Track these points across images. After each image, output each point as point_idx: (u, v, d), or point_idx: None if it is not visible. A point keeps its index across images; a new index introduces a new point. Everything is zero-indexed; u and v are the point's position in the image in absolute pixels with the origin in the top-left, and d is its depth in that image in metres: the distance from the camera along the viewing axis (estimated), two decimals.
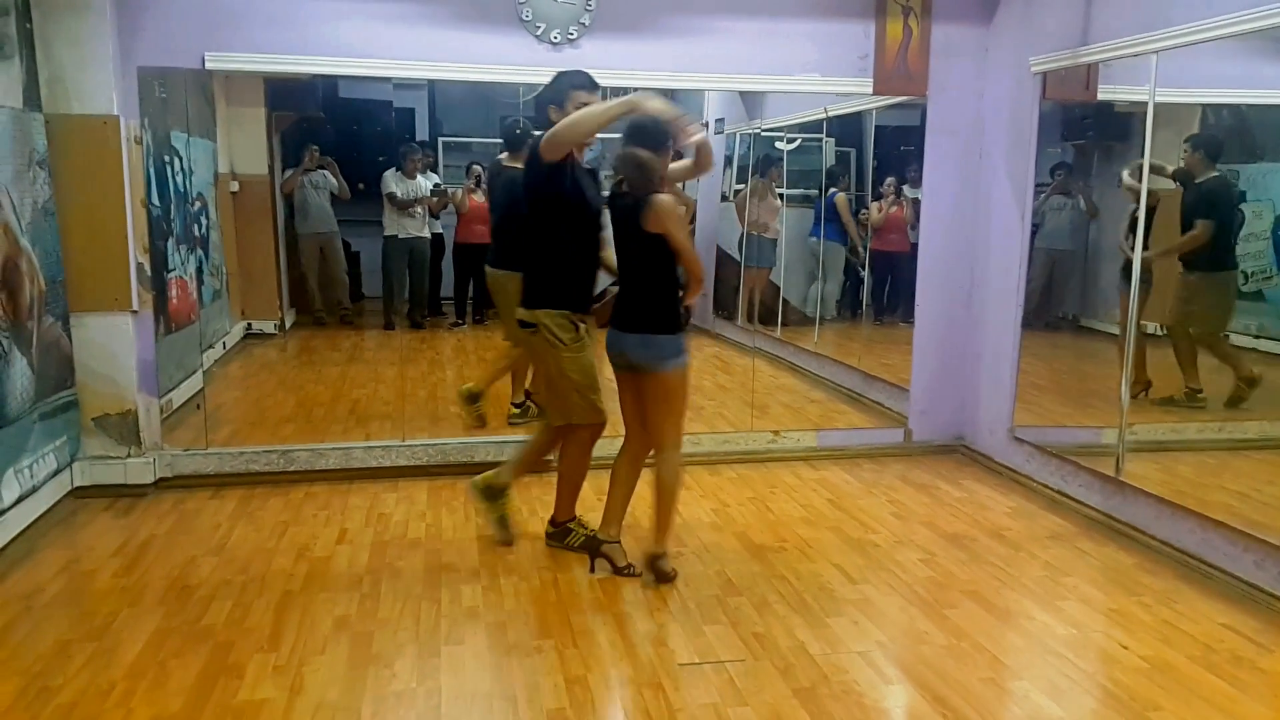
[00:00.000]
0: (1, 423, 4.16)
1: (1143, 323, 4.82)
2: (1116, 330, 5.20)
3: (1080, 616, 3.72)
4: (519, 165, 4.38)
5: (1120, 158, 5.45)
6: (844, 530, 4.58)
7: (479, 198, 7.74)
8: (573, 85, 3.93)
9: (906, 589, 3.94)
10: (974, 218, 5.71)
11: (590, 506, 4.39)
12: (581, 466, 4.22)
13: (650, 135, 3.72)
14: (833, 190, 7.79)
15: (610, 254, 4.03)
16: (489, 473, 4.36)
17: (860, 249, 7.66)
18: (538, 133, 3.93)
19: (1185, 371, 5.15)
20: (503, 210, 5.82)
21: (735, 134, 8.19)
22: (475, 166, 7.91)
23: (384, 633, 3.51)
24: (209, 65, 4.87)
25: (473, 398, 5.84)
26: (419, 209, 7.75)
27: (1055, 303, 6.02)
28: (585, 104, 3.86)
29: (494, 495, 4.33)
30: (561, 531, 4.28)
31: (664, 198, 3.69)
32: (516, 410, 5.95)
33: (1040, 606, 3.80)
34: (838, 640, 3.49)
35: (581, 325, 3.97)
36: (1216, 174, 4.98)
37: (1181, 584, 4.01)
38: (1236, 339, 5.10)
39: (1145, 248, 4.51)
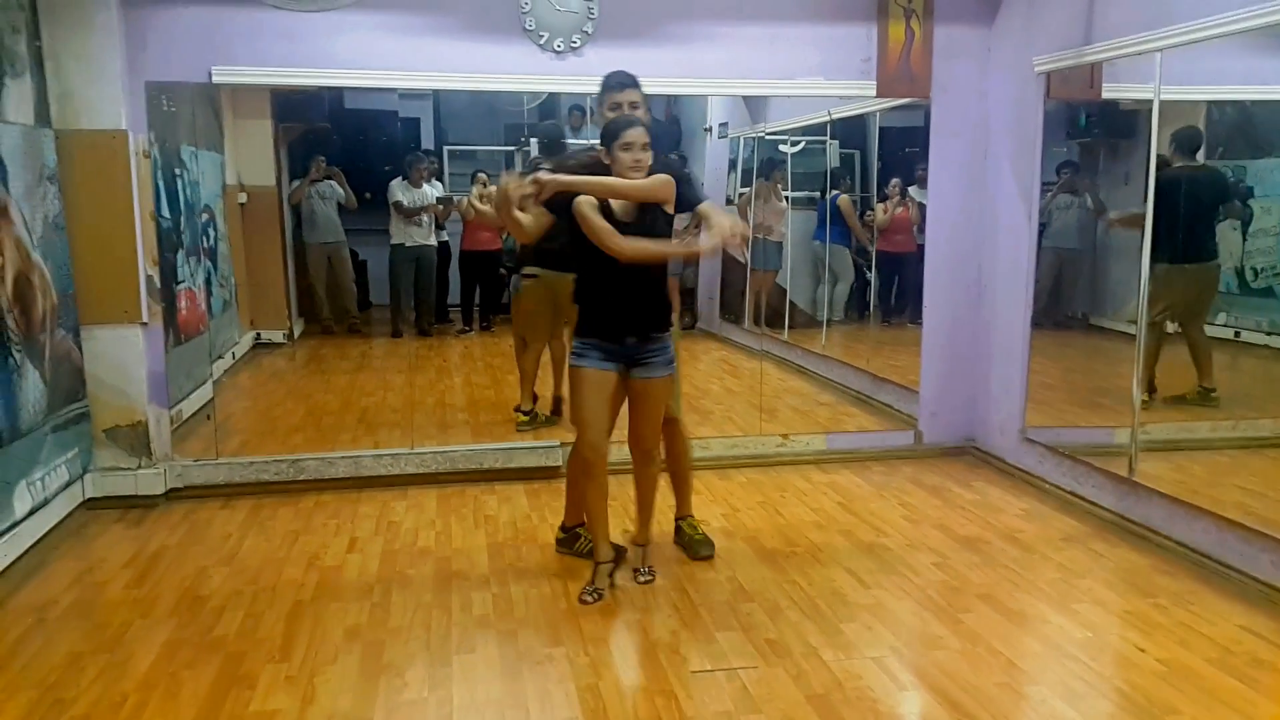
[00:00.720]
0: (14, 435, 4.18)
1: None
2: (1127, 329, 5.18)
3: (1095, 619, 3.70)
4: None
5: (1126, 155, 5.45)
6: (855, 534, 4.57)
7: (484, 205, 7.74)
8: (606, 87, 3.93)
9: (919, 593, 3.93)
10: (980, 218, 5.70)
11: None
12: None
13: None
14: (835, 192, 7.78)
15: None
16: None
17: (868, 250, 7.66)
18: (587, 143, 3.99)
19: (1199, 370, 5.13)
20: None
21: (739, 138, 8.20)
22: (480, 174, 7.93)
23: (395, 642, 3.51)
24: (216, 79, 4.88)
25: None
26: (425, 217, 7.77)
27: (1064, 302, 6.00)
28: (617, 103, 3.85)
29: (680, 530, 4.39)
30: (570, 537, 4.28)
31: (580, 199, 3.65)
32: (525, 417, 5.96)
33: (1055, 609, 3.78)
34: (851, 646, 3.47)
35: None
36: (1180, 165, 4.95)
37: (1198, 585, 3.98)
38: (1248, 336, 5.09)
39: (1154, 247, 4.49)
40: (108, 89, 4.73)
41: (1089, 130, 5.81)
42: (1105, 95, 5.06)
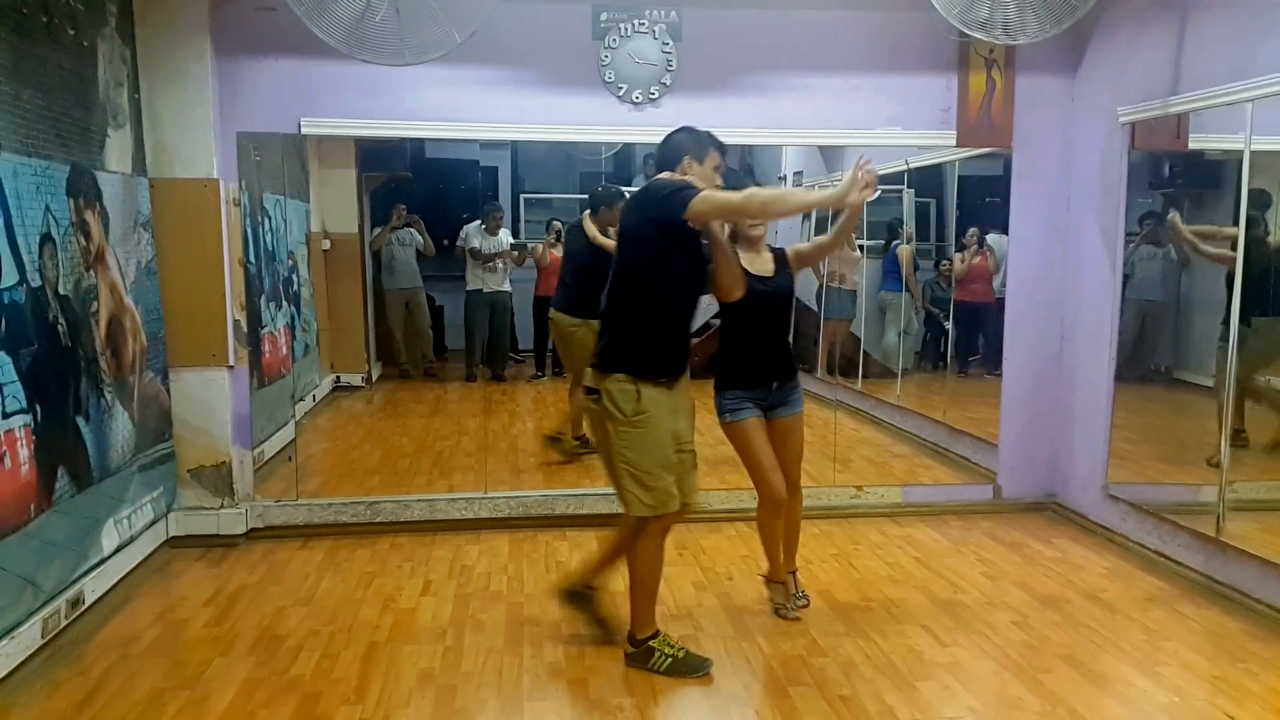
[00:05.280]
0: (103, 474, 4.31)
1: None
2: (1212, 383, 5.03)
3: (1182, 684, 3.57)
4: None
5: (1211, 206, 5.32)
6: (932, 590, 4.48)
7: (558, 252, 7.85)
8: (716, 145, 3.70)
9: (999, 652, 3.83)
10: (1063, 269, 5.62)
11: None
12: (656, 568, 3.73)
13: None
14: (896, 242, 7.74)
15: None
16: (570, 576, 4.05)
17: (921, 305, 7.62)
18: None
19: None
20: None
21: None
22: (555, 222, 8.04)
23: (467, 686, 3.52)
24: (305, 130, 5.05)
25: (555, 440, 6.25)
26: (500, 263, 7.90)
27: (1147, 355, 5.85)
28: (718, 166, 3.69)
29: (581, 599, 3.93)
30: (644, 653, 3.67)
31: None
32: (576, 442, 6.18)
33: (1139, 672, 3.66)
34: (928, 705, 3.40)
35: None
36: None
37: None
38: None
39: (1243, 298, 4.38)
40: (200, 139, 4.91)
41: (1173, 180, 5.70)
42: (1192, 146, 4.97)
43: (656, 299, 3.54)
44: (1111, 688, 3.55)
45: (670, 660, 3.62)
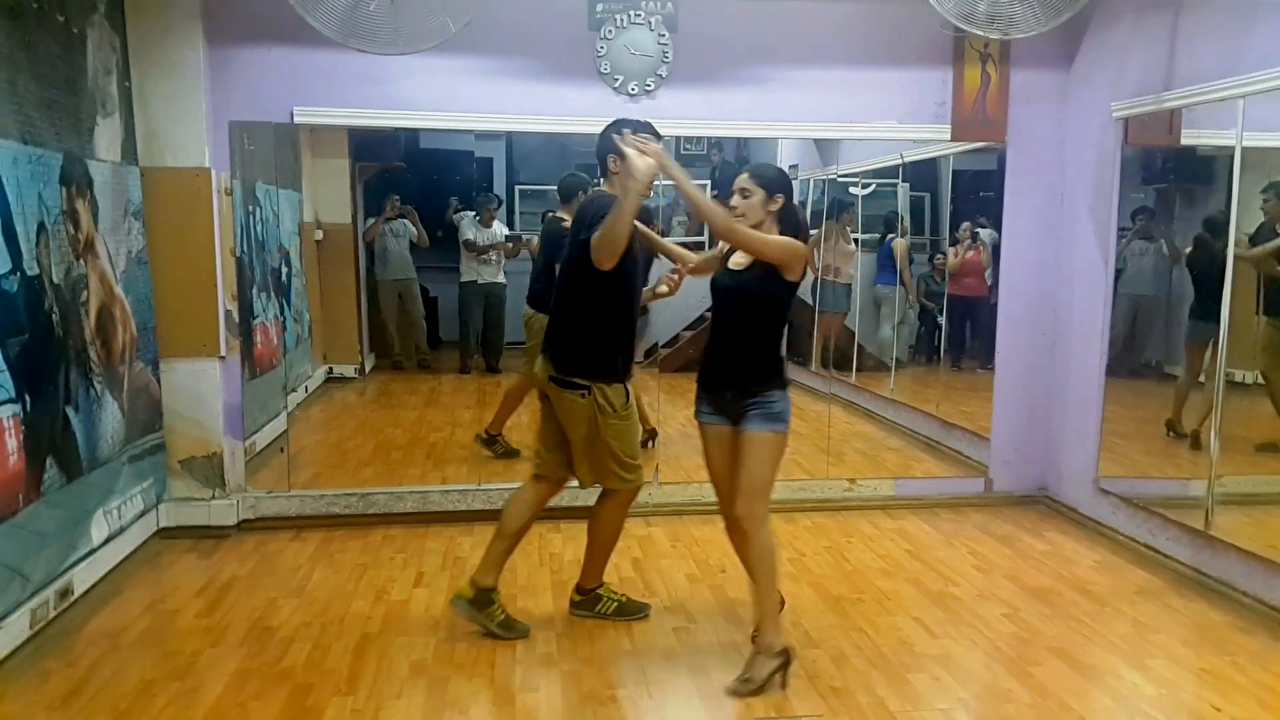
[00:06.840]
0: (92, 465, 4.29)
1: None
2: (1203, 378, 5.06)
3: (1170, 676, 3.59)
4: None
5: (1204, 202, 5.34)
6: (923, 582, 4.49)
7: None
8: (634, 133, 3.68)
9: (989, 644, 3.84)
10: (1056, 263, 5.63)
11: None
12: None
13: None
14: (891, 236, 7.75)
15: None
16: (471, 582, 3.91)
17: (916, 298, 7.63)
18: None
19: None
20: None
21: (809, 179, 8.19)
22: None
23: (460, 678, 3.52)
24: (297, 119, 5.02)
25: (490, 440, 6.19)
26: (494, 255, 7.88)
27: (1139, 349, 5.87)
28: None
29: (484, 603, 3.87)
30: (591, 599, 4.07)
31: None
32: (484, 438, 6.16)
33: (1128, 664, 3.68)
34: (918, 697, 3.41)
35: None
36: None
37: (1277, 644, 3.85)
38: None
39: (1230, 300, 4.40)
40: (192, 128, 4.89)
41: (1165, 176, 5.71)
42: (1184, 141, 4.98)
43: (610, 299, 3.70)
44: (1100, 680, 3.57)
45: (616, 605, 4.06)
